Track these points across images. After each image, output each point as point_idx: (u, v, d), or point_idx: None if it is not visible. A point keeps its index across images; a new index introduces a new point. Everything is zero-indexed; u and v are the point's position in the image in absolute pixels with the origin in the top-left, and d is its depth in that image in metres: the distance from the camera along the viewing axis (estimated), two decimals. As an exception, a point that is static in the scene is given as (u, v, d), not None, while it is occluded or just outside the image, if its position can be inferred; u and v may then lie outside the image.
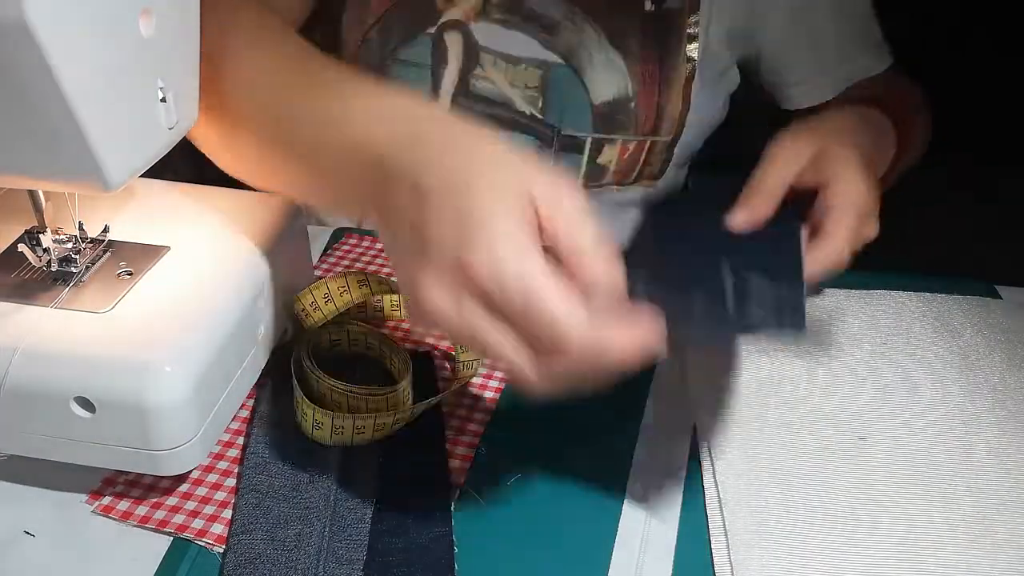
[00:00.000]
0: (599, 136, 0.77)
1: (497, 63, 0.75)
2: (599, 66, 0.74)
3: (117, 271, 0.50)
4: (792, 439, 0.53)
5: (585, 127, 0.76)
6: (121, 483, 0.49)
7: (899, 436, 0.54)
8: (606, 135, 0.76)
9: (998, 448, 0.53)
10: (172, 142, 0.47)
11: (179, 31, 0.45)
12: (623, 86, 0.75)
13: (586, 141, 0.77)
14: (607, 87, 0.75)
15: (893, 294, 0.66)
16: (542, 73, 0.74)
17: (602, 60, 0.74)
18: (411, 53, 0.74)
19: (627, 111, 0.75)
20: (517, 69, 0.75)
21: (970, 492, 0.50)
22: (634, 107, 0.75)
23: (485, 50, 0.74)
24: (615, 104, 0.75)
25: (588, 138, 0.77)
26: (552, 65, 0.74)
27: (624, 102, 0.75)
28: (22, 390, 0.44)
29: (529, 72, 0.75)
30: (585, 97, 0.75)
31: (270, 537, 0.45)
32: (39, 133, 0.40)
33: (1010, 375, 0.58)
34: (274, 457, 0.50)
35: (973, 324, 0.63)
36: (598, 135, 0.76)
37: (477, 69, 0.75)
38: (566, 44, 0.74)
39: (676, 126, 0.77)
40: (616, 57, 0.74)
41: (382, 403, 0.51)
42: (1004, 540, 0.47)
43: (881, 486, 0.50)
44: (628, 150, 0.78)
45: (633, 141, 0.77)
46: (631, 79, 0.74)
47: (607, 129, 0.76)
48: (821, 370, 0.59)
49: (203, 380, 0.45)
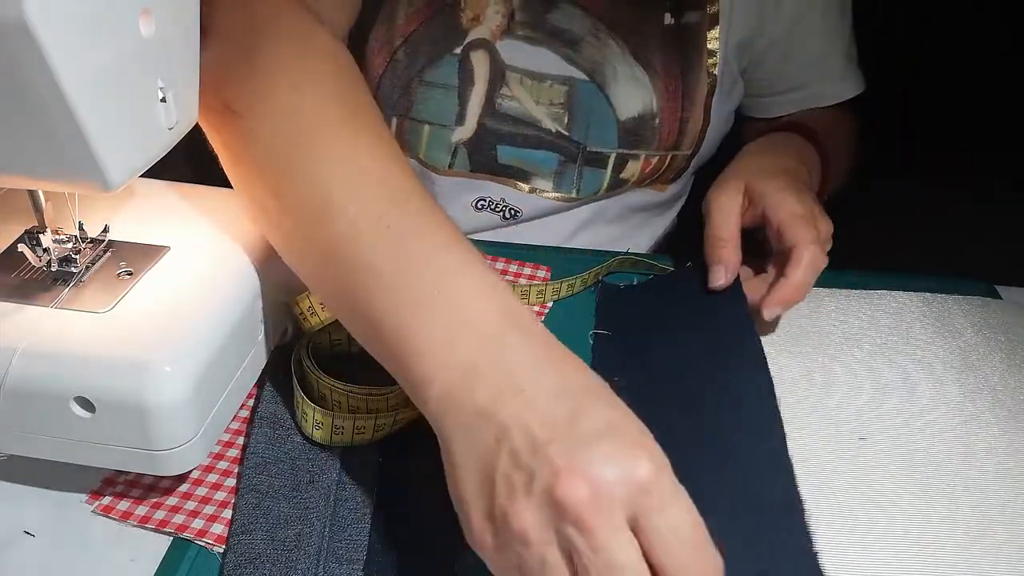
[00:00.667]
0: (624, 152, 0.77)
1: (523, 81, 0.74)
2: (623, 81, 0.74)
3: (117, 271, 0.50)
4: (791, 439, 0.53)
5: (610, 143, 0.76)
6: (121, 483, 0.49)
7: (899, 436, 0.54)
8: (630, 151, 0.77)
9: (998, 448, 0.53)
10: (172, 142, 0.47)
11: (179, 31, 0.45)
12: (648, 101, 0.75)
13: (611, 156, 0.77)
14: (632, 102, 0.75)
15: (893, 294, 0.66)
16: (567, 90, 0.74)
17: (626, 75, 0.74)
18: (437, 75, 0.74)
19: (651, 127, 0.76)
20: (542, 86, 0.74)
21: (970, 492, 0.50)
22: (658, 123, 0.76)
23: (511, 68, 0.74)
24: (640, 120, 0.75)
25: (613, 153, 0.77)
26: (577, 81, 0.74)
27: (649, 118, 0.75)
28: (22, 390, 0.44)
29: (554, 89, 0.75)
30: (610, 112, 0.75)
31: (270, 537, 0.45)
32: (39, 133, 0.40)
33: (1010, 375, 0.58)
34: (274, 457, 0.50)
35: (973, 324, 0.63)
36: (623, 150, 0.77)
37: (503, 88, 0.74)
38: (590, 60, 0.74)
39: (697, 140, 0.78)
40: (640, 72, 0.74)
41: (382, 403, 0.51)
42: (1004, 540, 0.47)
43: (880, 486, 0.50)
44: (651, 164, 0.78)
45: (656, 156, 0.78)
46: (655, 94, 0.75)
47: (632, 144, 0.76)
48: (820, 370, 0.59)
49: (203, 380, 0.45)
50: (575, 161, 0.77)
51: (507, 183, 0.78)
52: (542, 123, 0.75)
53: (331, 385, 0.50)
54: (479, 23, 0.73)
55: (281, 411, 0.52)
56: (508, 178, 0.78)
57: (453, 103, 0.75)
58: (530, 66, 0.74)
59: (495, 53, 0.74)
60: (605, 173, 0.78)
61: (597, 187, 0.79)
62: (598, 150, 0.77)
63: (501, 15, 0.73)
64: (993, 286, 0.69)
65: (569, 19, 0.73)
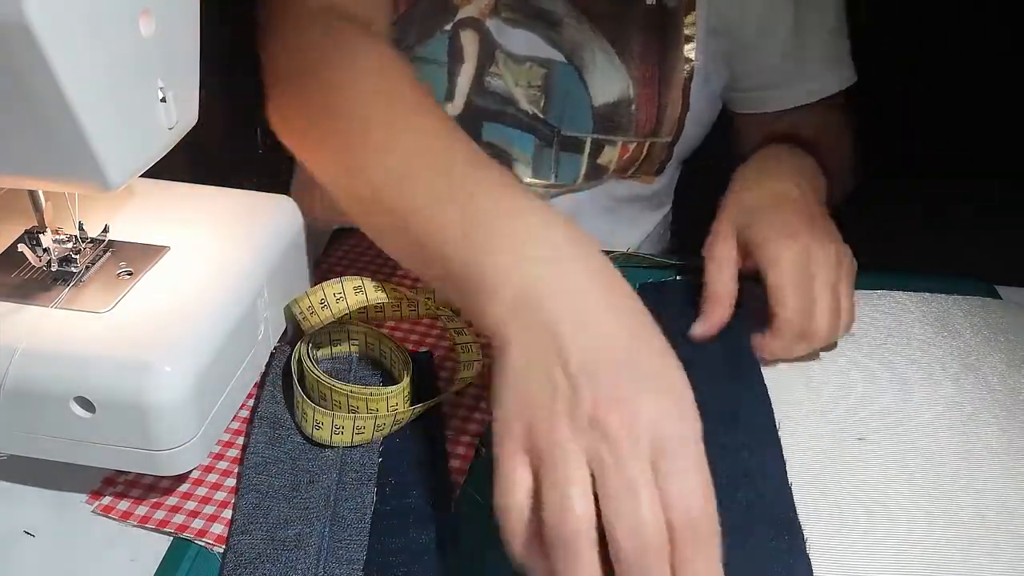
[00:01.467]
0: (599, 137, 0.77)
1: (507, 61, 0.75)
2: (600, 66, 0.74)
3: (117, 271, 0.50)
4: (790, 439, 0.53)
5: (586, 128, 0.76)
6: (121, 483, 0.49)
7: (898, 436, 0.54)
8: (606, 136, 0.77)
9: (998, 448, 0.53)
10: (172, 142, 0.47)
11: (179, 31, 0.45)
12: (624, 87, 0.75)
13: (586, 141, 0.77)
14: (608, 88, 0.75)
15: (892, 294, 0.66)
16: (546, 72, 0.75)
17: (603, 61, 0.74)
18: (427, 51, 0.75)
19: (628, 113, 0.75)
20: (522, 68, 0.75)
21: (969, 492, 0.50)
22: (634, 109, 0.75)
23: (499, 47, 0.75)
24: (616, 106, 0.75)
25: (588, 138, 0.77)
26: (556, 64, 0.75)
27: (625, 104, 0.75)
28: (22, 390, 0.44)
29: (533, 71, 0.75)
30: (586, 98, 0.75)
31: (270, 537, 0.45)
32: (39, 133, 0.40)
33: (1010, 375, 0.58)
34: (274, 457, 0.50)
35: (973, 325, 0.63)
36: (598, 136, 0.77)
37: (492, 66, 0.75)
38: (569, 42, 0.74)
39: (676, 127, 0.78)
40: (616, 58, 0.74)
41: (382, 403, 0.51)
42: (1004, 540, 0.47)
43: (879, 486, 0.50)
44: (628, 151, 0.78)
45: (633, 142, 0.77)
46: (631, 81, 0.75)
47: (607, 130, 0.76)
48: (819, 370, 0.59)
49: (203, 380, 0.45)
50: (551, 145, 0.77)
51: None
52: (519, 103, 0.76)
53: (331, 385, 0.50)
54: (468, 2, 0.74)
55: (281, 411, 0.52)
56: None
57: (443, 80, 0.76)
58: (511, 47, 0.75)
59: (486, 32, 0.75)
60: (582, 159, 0.78)
61: (575, 174, 0.79)
62: (573, 134, 0.77)
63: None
64: (993, 286, 0.69)
65: (552, 2, 0.74)
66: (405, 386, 0.52)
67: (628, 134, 0.77)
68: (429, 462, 0.50)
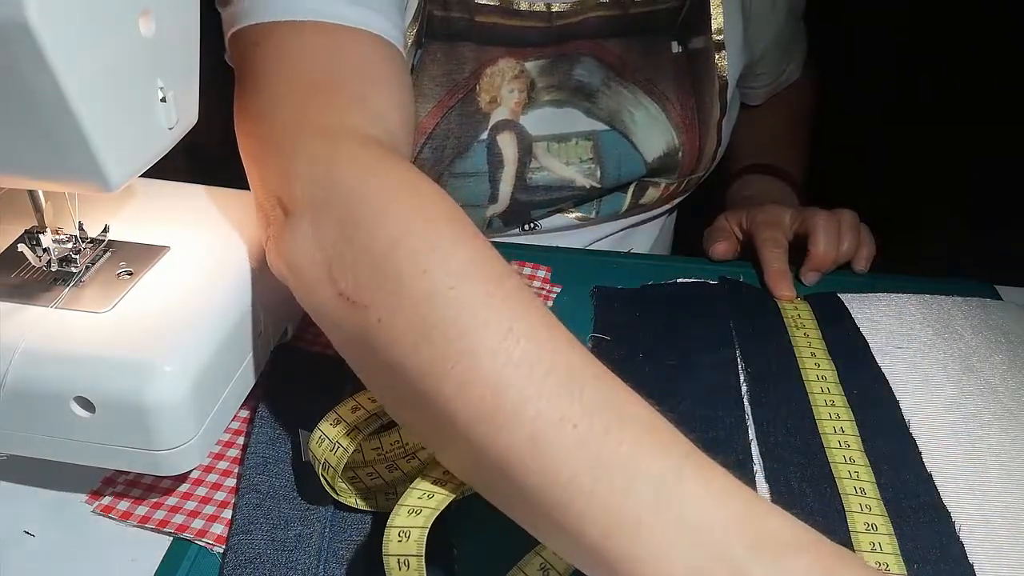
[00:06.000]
0: (645, 180, 0.78)
1: (550, 147, 0.74)
2: (641, 124, 0.75)
3: (117, 271, 0.50)
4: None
5: (638, 176, 0.78)
6: (121, 483, 0.49)
7: (899, 438, 0.54)
8: (652, 179, 0.78)
9: (999, 449, 0.53)
10: (172, 142, 0.47)
11: (179, 31, 0.45)
12: (669, 139, 0.76)
13: (631, 184, 0.78)
14: (655, 143, 0.76)
15: (893, 296, 0.66)
16: (592, 144, 0.75)
17: (643, 118, 0.75)
18: (467, 165, 0.73)
19: (675, 160, 0.77)
20: (569, 146, 0.75)
21: (972, 494, 0.50)
22: (681, 155, 0.77)
23: (536, 139, 0.74)
24: (665, 157, 0.76)
25: (634, 182, 0.78)
26: (599, 133, 0.75)
27: (672, 153, 0.76)
28: (22, 390, 0.44)
29: (580, 146, 0.75)
30: (638, 156, 0.76)
31: (270, 537, 0.45)
32: (39, 133, 0.40)
33: (1010, 376, 0.58)
34: (274, 457, 0.50)
35: (973, 326, 0.63)
36: (645, 179, 0.78)
37: (532, 163, 0.74)
38: (606, 109, 0.75)
39: (711, 161, 0.80)
40: (656, 110, 0.75)
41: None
42: (1006, 542, 0.47)
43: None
44: (669, 190, 0.80)
45: (675, 183, 0.79)
46: (674, 130, 0.76)
47: (655, 175, 0.78)
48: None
49: (203, 380, 0.45)
50: (600, 196, 0.79)
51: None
52: (575, 182, 0.76)
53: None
54: (497, 104, 0.73)
55: (281, 411, 0.52)
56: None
57: (485, 187, 0.74)
58: (554, 130, 0.74)
59: (520, 129, 0.74)
60: (625, 198, 0.79)
61: (617, 209, 0.80)
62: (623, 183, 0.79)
63: (518, 91, 0.73)
64: (993, 286, 0.69)
65: (589, 72, 0.74)
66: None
67: (672, 176, 0.78)
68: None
